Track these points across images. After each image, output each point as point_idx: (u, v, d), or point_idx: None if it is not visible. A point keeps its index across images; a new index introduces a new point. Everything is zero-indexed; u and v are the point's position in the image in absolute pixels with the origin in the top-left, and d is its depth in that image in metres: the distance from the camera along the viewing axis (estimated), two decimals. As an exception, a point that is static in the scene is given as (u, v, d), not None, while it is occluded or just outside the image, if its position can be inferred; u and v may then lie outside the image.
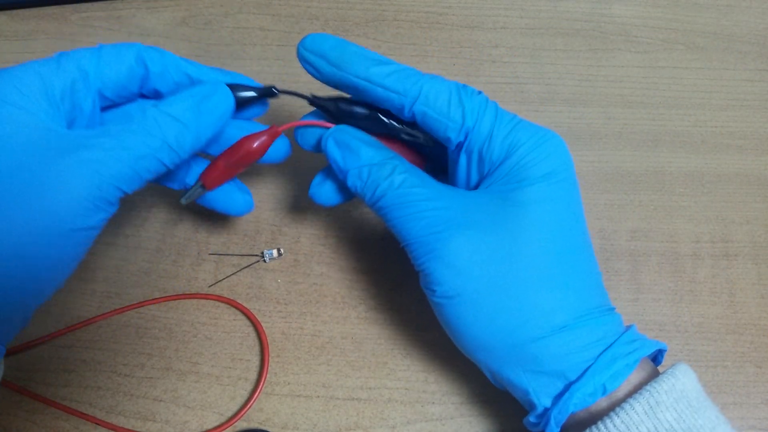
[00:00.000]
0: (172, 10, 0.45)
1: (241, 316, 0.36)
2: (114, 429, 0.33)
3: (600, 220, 0.39)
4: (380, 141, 0.31)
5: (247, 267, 0.37)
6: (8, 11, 0.45)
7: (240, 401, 0.34)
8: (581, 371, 0.27)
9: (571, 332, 0.27)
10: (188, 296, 0.36)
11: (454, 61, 0.44)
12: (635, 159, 0.41)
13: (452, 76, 0.30)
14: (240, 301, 0.36)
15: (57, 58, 0.28)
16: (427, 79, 0.29)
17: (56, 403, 0.34)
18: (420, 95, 0.28)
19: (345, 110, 0.30)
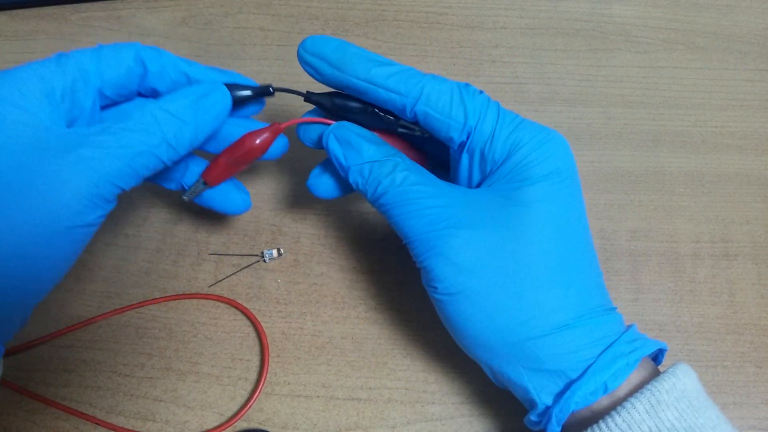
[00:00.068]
0: (172, 10, 0.45)
1: (241, 316, 0.36)
2: (114, 429, 0.33)
3: (600, 220, 0.39)
4: (380, 137, 0.31)
5: (247, 267, 0.37)
6: (8, 11, 0.45)
7: (240, 401, 0.34)
8: (582, 370, 0.27)
9: (572, 331, 0.27)
10: (188, 296, 0.36)
11: (454, 61, 0.44)
12: (635, 159, 0.41)
13: (452, 76, 0.30)
14: (240, 301, 0.36)
15: (57, 58, 0.28)
16: (429, 79, 0.29)
17: (56, 403, 0.34)
18: (422, 95, 0.28)
19: (340, 105, 0.31)
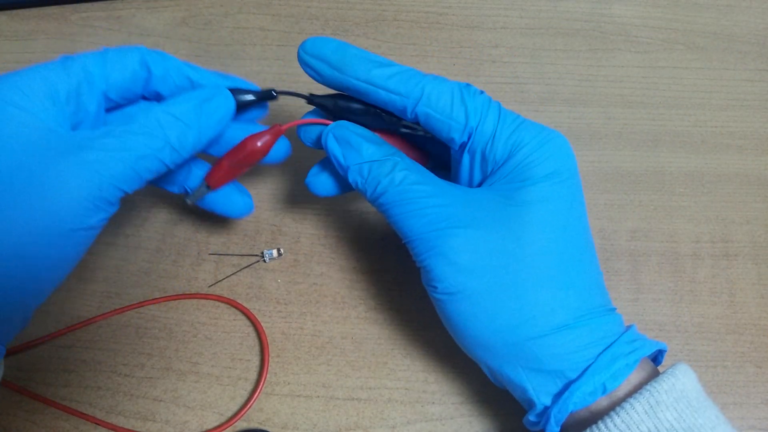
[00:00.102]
0: (172, 10, 0.45)
1: (241, 316, 0.36)
2: (114, 429, 0.33)
3: (600, 220, 0.39)
4: (381, 137, 0.31)
5: (247, 267, 0.37)
6: (8, 11, 0.45)
7: (240, 401, 0.34)
8: (581, 370, 0.27)
9: (572, 331, 0.27)
10: (188, 296, 0.36)
11: (454, 61, 0.44)
12: (635, 159, 0.41)
13: (452, 76, 0.30)
14: (240, 301, 0.36)
15: (62, 61, 0.28)
16: (430, 79, 0.29)
17: (56, 403, 0.34)
18: (422, 96, 0.28)
19: (343, 107, 0.31)
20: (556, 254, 0.28)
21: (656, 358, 0.30)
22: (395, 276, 0.37)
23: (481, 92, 0.29)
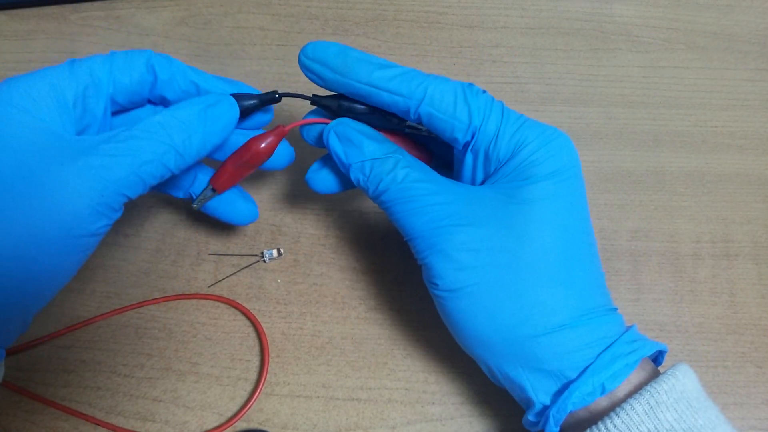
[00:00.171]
0: (171, 10, 0.45)
1: (240, 317, 0.36)
2: (114, 429, 0.33)
3: (600, 220, 0.39)
4: (386, 137, 0.31)
5: (246, 267, 0.37)
6: (8, 11, 0.45)
7: (240, 401, 0.34)
8: (581, 370, 0.27)
9: (572, 331, 0.27)
10: (188, 296, 0.36)
11: (455, 61, 0.44)
12: (636, 159, 0.41)
13: (453, 76, 0.30)
14: (240, 302, 0.36)
15: (69, 65, 0.28)
16: (432, 80, 0.29)
17: (56, 404, 0.34)
18: (425, 97, 0.28)
19: (346, 107, 0.31)
20: (557, 253, 0.28)
21: (657, 358, 0.30)
22: (395, 276, 0.37)
23: (484, 91, 0.29)
